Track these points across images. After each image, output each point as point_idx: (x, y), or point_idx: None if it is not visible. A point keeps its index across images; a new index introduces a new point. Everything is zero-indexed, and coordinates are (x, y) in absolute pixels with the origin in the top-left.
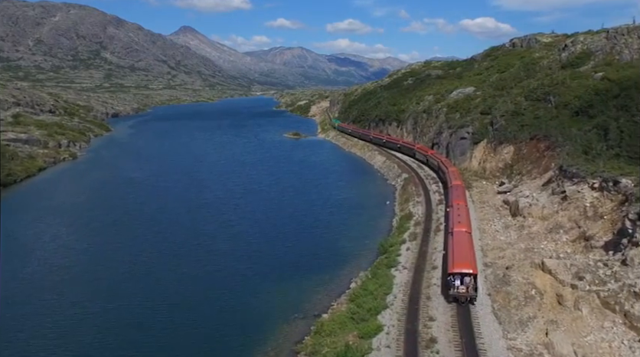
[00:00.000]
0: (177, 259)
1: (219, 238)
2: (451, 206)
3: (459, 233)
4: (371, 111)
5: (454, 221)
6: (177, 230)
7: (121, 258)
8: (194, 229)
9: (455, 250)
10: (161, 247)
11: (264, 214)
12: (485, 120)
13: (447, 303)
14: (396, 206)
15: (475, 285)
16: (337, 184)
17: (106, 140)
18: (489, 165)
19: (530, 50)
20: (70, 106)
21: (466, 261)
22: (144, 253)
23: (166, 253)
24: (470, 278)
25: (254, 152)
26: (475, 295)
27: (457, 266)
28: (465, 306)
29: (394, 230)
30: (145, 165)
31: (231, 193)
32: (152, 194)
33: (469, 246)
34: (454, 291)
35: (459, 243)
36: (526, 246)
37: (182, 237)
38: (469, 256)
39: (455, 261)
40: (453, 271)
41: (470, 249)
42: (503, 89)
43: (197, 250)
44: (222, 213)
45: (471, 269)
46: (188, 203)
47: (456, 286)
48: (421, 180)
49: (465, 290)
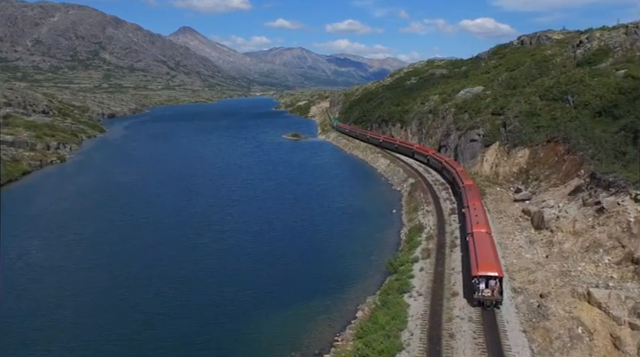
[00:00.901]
0: (155, 280)
1: (207, 256)
2: (467, 206)
3: (480, 234)
4: (373, 111)
5: (472, 222)
6: (162, 244)
7: (93, 281)
8: (181, 244)
9: (478, 252)
10: (140, 266)
11: (259, 225)
12: (497, 121)
13: (475, 345)
14: (403, 215)
15: (500, 288)
16: (339, 190)
17: (99, 142)
18: (502, 169)
19: (540, 47)
20: (65, 107)
21: (491, 263)
22: (119, 275)
23: (144, 274)
24: (496, 281)
25: (252, 155)
26: (501, 298)
27: (482, 268)
28: (499, 348)
29: (403, 244)
30: (136, 168)
31: (225, 200)
32: (139, 201)
33: (492, 247)
34: (479, 294)
35: (481, 244)
36: (560, 268)
37: (166, 253)
38: (493, 258)
39: (479, 263)
40: (478, 274)
41: (493, 250)
42: (515, 88)
43: (181, 270)
44: (213, 224)
45: (496, 271)
46: (177, 212)
47: (481, 289)
48: (429, 186)
49: (490, 294)
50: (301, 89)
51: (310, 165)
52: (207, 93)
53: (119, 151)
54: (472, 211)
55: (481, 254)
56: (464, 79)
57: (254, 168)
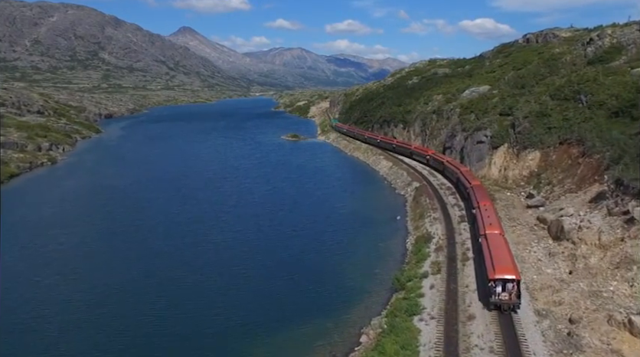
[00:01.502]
0: (136, 299)
1: (196, 270)
2: (477, 207)
3: (493, 235)
4: (375, 112)
5: (484, 223)
6: (148, 257)
7: (68, 299)
8: (169, 256)
9: (493, 255)
10: (121, 281)
11: (255, 235)
12: (505, 122)
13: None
14: (408, 222)
15: (518, 291)
16: (339, 194)
17: (94, 143)
18: (512, 172)
19: (547, 45)
20: (61, 107)
21: (508, 266)
22: (99, 293)
23: (125, 291)
24: (513, 284)
25: (249, 156)
26: (519, 302)
27: (499, 271)
28: None
29: (410, 256)
30: (129, 170)
31: (219, 206)
32: (129, 206)
33: (507, 249)
34: (495, 298)
35: (496, 246)
36: (589, 287)
37: (152, 267)
38: (509, 260)
39: (495, 266)
40: (495, 277)
41: (508, 252)
42: (523, 87)
43: (166, 287)
44: (205, 234)
45: (514, 274)
46: (168, 220)
47: (498, 292)
48: (435, 190)
49: (507, 297)
50: (300, 89)
51: (310, 168)
52: (206, 94)
53: (113, 152)
54: (483, 211)
55: (497, 257)
56: (468, 78)
57: (252, 170)
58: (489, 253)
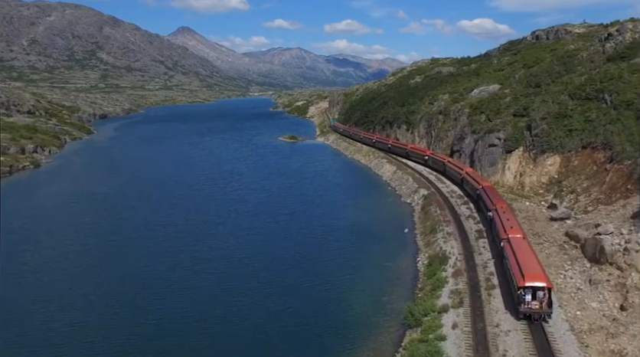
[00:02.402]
0: (104, 332)
1: (175, 296)
2: (493, 209)
3: (517, 240)
4: (376, 112)
5: (505, 226)
6: (122, 280)
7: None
8: (144, 279)
9: (520, 260)
10: (86, 309)
11: (246, 253)
12: (520, 123)
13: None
14: (417, 236)
15: (549, 299)
16: (341, 202)
17: (84, 144)
18: (529, 179)
19: (560, 42)
20: (53, 107)
21: (538, 273)
22: (57, 322)
23: (90, 323)
24: (544, 292)
25: (245, 159)
26: (550, 311)
27: (529, 278)
28: None
29: (423, 280)
30: (116, 175)
31: (209, 217)
32: (108, 218)
33: (534, 254)
34: (525, 307)
35: (522, 251)
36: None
37: (124, 293)
38: (538, 266)
39: (525, 273)
40: (525, 285)
41: (536, 258)
42: (537, 86)
43: (140, 318)
44: (190, 251)
45: (544, 282)
46: (150, 232)
47: (527, 301)
48: (446, 199)
49: (538, 306)
50: (299, 89)
51: (308, 173)
52: (204, 93)
53: (103, 155)
54: (502, 214)
55: (524, 263)
56: (475, 77)
57: (247, 175)
58: (515, 258)
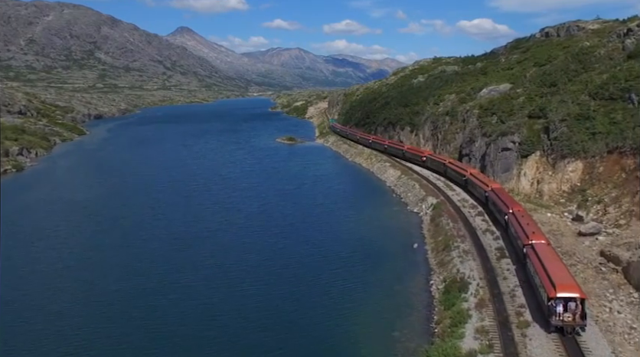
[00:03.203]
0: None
1: (144, 338)
2: (510, 213)
3: (542, 246)
4: (378, 113)
5: (525, 231)
6: (90, 306)
7: None
8: (114, 310)
9: (548, 269)
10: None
11: (236, 276)
12: (536, 126)
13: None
14: (428, 253)
15: (583, 311)
16: (342, 212)
17: (74, 146)
18: (547, 186)
19: (572, 38)
20: (46, 107)
21: (570, 283)
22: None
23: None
24: (576, 303)
25: (241, 163)
26: (584, 324)
27: (561, 289)
28: None
29: (440, 310)
30: (101, 180)
31: (196, 230)
32: (85, 230)
33: (561, 262)
34: (557, 319)
35: (548, 259)
36: None
37: (91, 323)
38: (569, 275)
39: (556, 283)
40: (556, 296)
41: (564, 266)
42: (553, 85)
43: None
44: (169, 273)
45: (577, 292)
46: (128, 250)
47: (559, 313)
48: (457, 209)
49: (571, 318)
50: (299, 89)
51: (307, 177)
52: (203, 94)
53: (92, 158)
54: (520, 218)
55: (554, 271)
56: (482, 76)
57: (242, 180)
58: (542, 267)
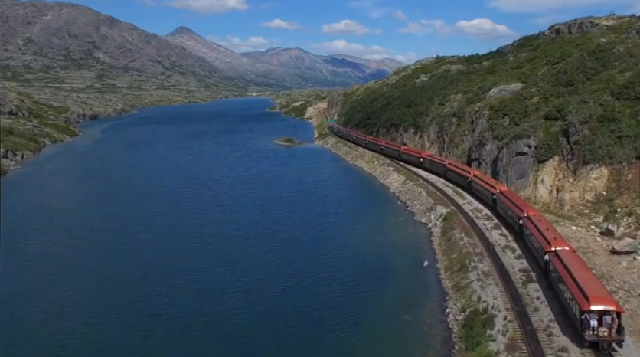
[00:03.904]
0: None
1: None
2: (524, 217)
3: (567, 253)
4: (379, 114)
5: (546, 237)
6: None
7: None
8: (73, 339)
9: (578, 279)
10: None
11: (222, 302)
12: (554, 128)
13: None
14: (441, 273)
15: (619, 326)
16: (344, 224)
17: (63, 148)
18: (569, 195)
19: (586, 35)
20: (39, 108)
21: (603, 295)
22: None
23: None
24: (612, 317)
25: (236, 166)
26: (621, 339)
27: (594, 301)
28: None
29: (460, 348)
30: (86, 185)
31: (181, 244)
32: (55, 245)
33: (590, 271)
34: (591, 334)
35: (576, 268)
36: None
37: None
38: (600, 286)
39: (589, 295)
40: (590, 309)
41: (594, 275)
42: (570, 84)
43: None
44: (148, 298)
45: (612, 305)
46: (105, 267)
47: (593, 327)
48: (471, 221)
49: (607, 333)
50: (298, 89)
51: (306, 183)
52: (202, 94)
53: (80, 160)
54: (537, 222)
55: (585, 282)
56: (490, 75)
57: (236, 186)
58: (571, 277)
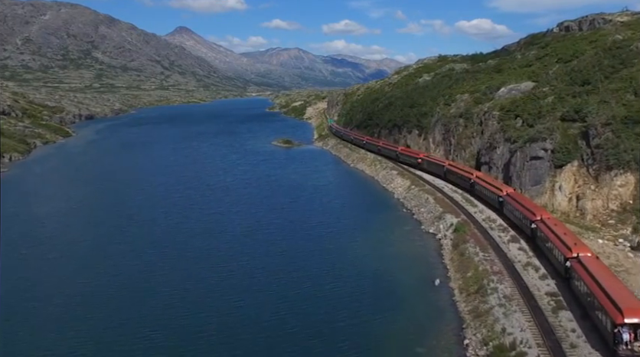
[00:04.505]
0: None
1: None
2: (538, 221)
3: (591, 260)
4: (381, 115)
5: (565, 242)
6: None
7: None
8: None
9: (608, 289)
10: None
11: (208, 333)
12: (572, 130)
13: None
14: (456, 294)
15: None
16: (345, 234)
17: (55, 150)
18: (591, 204)
19: (599, 32)
20: (32, 107)
21: (638, 305)
22: None
23: None
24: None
25: (232, 169)
26: None
27: (628, 313)
28: None
29: None
30: (73, 191)
31: (167, 261)
32: (27, 261)
33: (618, 279)
34: (625, 349)
35: (605, 276)
36: None
37: None
38: (632, 296)
39: (622, 306)
40: (624, 322)
41: (623, 285)
42: (587, 83)
43: None
44: (114, 329)
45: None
46: (72, 288)
47: (626, 341)
48: (484, 232)
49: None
50: (297, 89)
51: (306, 188)
52: (201, 94)
53: (71, 163)
54: (553, 227)
55: (615, 292)
56: (497, 73)
57: (231, 191)
58: (599, 286)
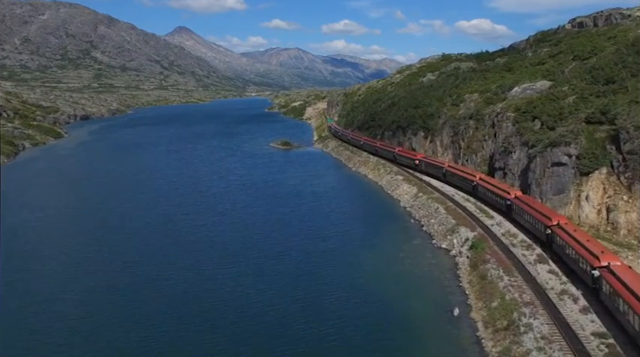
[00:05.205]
0: None
1: None
2: (554, 226)
3: (623, 269)
4: (384, 115)
5: (590, 250)
6: None
7: None
8: None
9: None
10: None
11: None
12: (599, 134)
13: None
14: (479, 329)
15: None
16: (348, 250)
17: (43, 152)
18: (625, 217)
19: (617, 27)
20: (26, 108)
21: None
22: None
23: None
24: None
25: (228, 173)
26: None
27: None
28: None
29: None
30: (55, 197)
31: (146, 280)
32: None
33: None
34: None
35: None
36: None
37: None
38: None
39: None
40: None
41: None
42: (611, 82)
43: None
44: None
45: None
46: (31, 315)
47: None
48: (506, 250)
49: None
50: (297, 89)
51: (305, 195)
52: (200, 94)
53: (58, 166)
54: (573, 232)
55: None
56: (507, 72)
57: (225, 199)
58: (636, 298)
